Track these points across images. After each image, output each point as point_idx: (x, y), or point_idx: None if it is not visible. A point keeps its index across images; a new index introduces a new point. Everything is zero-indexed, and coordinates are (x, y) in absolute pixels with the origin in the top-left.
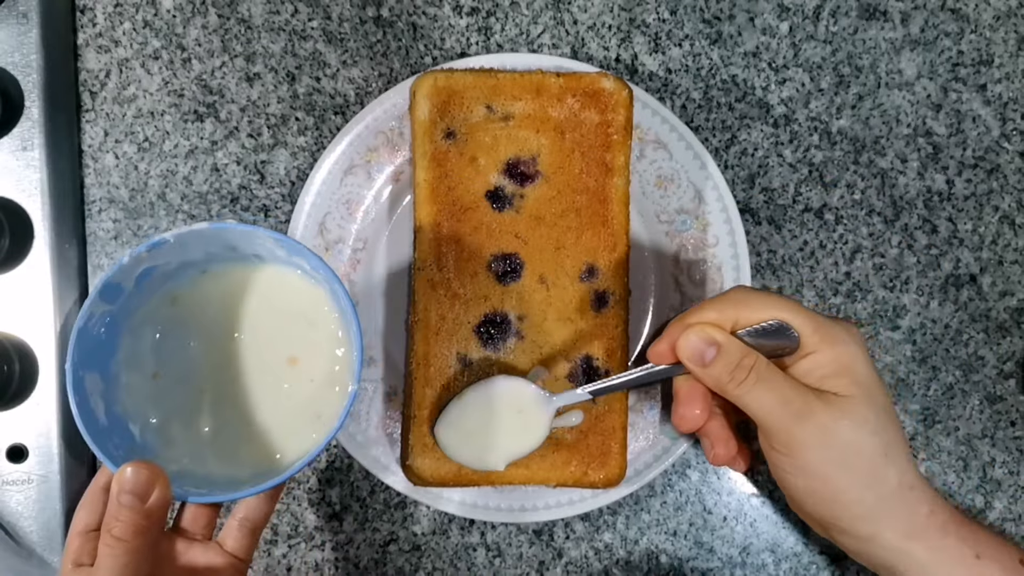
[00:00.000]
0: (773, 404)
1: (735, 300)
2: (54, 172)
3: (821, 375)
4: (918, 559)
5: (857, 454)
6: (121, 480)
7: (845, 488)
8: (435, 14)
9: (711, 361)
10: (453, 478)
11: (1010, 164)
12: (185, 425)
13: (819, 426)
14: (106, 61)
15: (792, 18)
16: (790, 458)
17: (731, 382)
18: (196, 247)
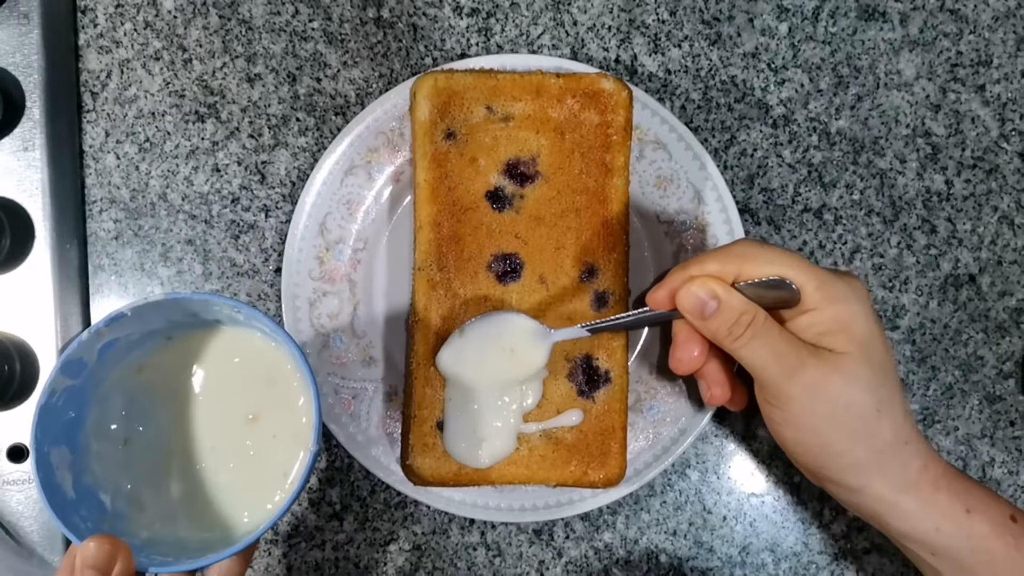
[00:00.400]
0: (767, 359)
1: (738, 253)
2: (55, 172)
3: (819, 331)
4: (907, 511)
5: (846, 409)
6: (84, 555)
7: (833, 441)
8: (435, 15)
9: (710, 315)
10: (453, 478)
11: (1009, 164)
12: (155, 489)
13: (809, 381)
14: (107, 62)
15: (791, 19)
16: (781, 411)
17: (728, 337)
18: (155, 317)
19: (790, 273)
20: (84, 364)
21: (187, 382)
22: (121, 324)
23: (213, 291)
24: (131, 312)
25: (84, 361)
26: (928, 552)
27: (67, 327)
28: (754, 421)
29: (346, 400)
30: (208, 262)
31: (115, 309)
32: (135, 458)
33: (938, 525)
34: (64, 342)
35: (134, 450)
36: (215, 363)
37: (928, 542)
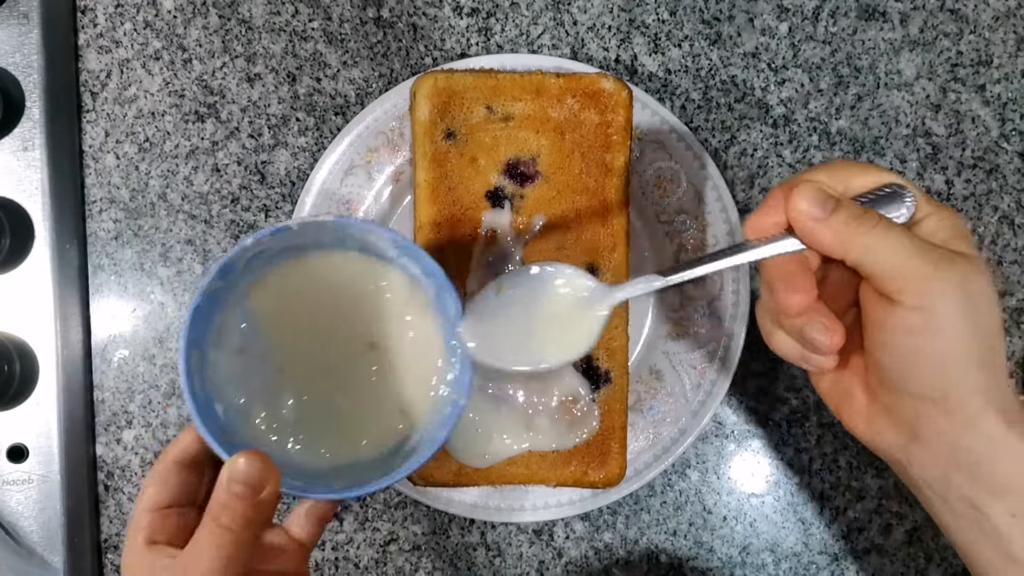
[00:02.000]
0: (910, 250)
1: (843, 167)
2: (55, 172)
3: (945, 236)
4: (1014, 448)
5: (986, 317)
6: (234, 469)
7: (968, 353)
8: (435, 15)
9: (832, 211)
10: (453, 478)
11: (1009, 164)
12: (266, 407)
13: (962, 276)
14: (107, 62)
15: (791, 19)
16: (921, 312)
17: (858, 230)
18: (310, 235)
19: (901, 181)
20: (234, 269)
21: (314, 304)
22: (280, 237)
23: None
24: (297, 227)
25: (235, 267)
26: (1010, 514)
27: (67, 327)
28: (754, 420)
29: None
30: (208, 262)
31: (282, 222)
32: (248, 372)
33: None
34: (64, 342)
35: (248, 363)
36: (348, 289)
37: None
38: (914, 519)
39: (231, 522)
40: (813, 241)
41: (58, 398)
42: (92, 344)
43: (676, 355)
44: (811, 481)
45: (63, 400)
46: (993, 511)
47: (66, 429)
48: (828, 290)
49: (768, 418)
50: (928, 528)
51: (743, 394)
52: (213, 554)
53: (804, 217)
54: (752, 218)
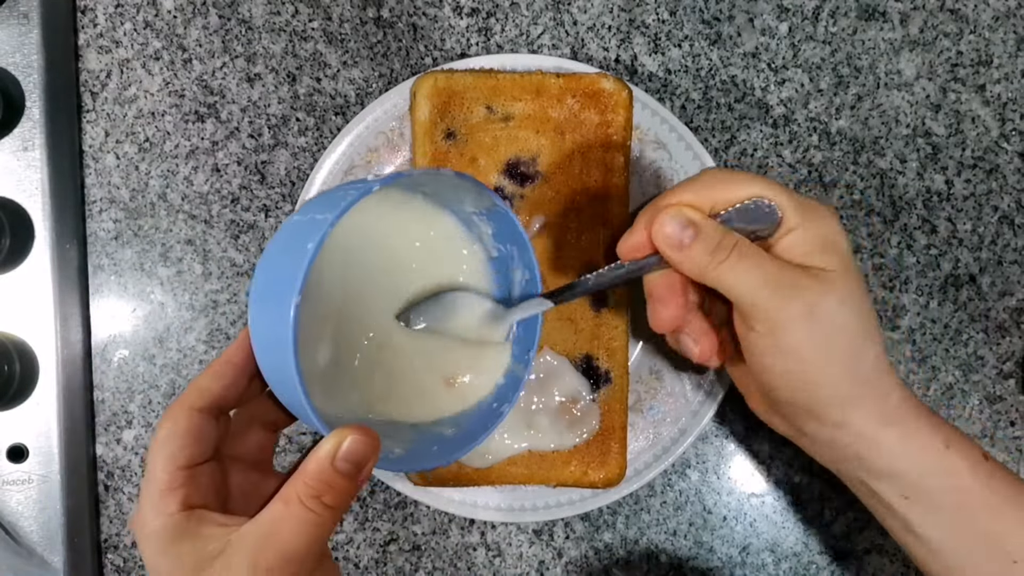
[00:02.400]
0: (758, 281)
1: (708, 182)
2: (55, 172)
3: (804, 251)
4: (888, 447)
5: (842, 331)
6: (340, 445)
7: (824, 367)
8: (435, 15)
9: (690, 243)
10: (453, 478)
11: (1009, 164)
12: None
13: (806, 303)
14: (107, 61)
15: (791, 19)
16: (772, 338)
17: (712, 262)
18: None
19: (767, 193)
20: None
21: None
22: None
23: (215, 290)
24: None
25: None
26: (900, 495)
27: (66, 327)
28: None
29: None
30: (208, 262)
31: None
32: None
33: (918, 460)
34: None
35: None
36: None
37: (906, 481)
38: None
39: (333, 500)
40: (675, 267)
41: (58, 398)
42: (92, 344)
43: (676, 355)
44: (811, 481)
45: (63, 400)
46: (884, 492)
47: (66, 429)
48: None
49: None
50: None
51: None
52: (305, 531)
53: (664, 246)
54: (623, 241)
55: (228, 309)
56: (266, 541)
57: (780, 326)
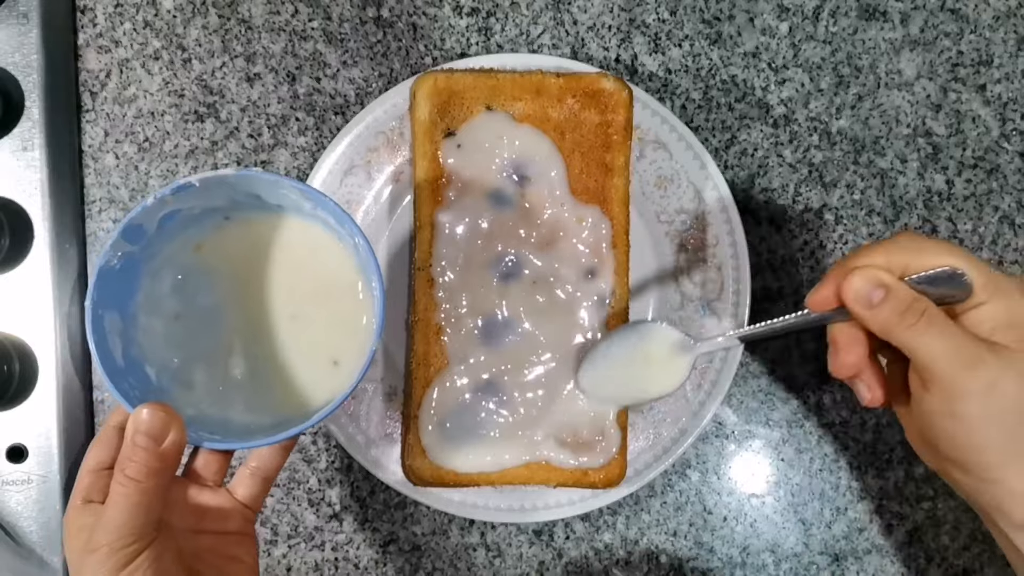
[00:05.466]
0: (944, 350)
1: (903, 245)
2: (54, 172)
3: (992, 327)
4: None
5: (1015, 410)
6: (137, 421)
7: (992, 437)
8: (435, 14)
9: (879, 302)
10: (453, 478)
11: (1010, 164)
12: (210, 368)
13: (987, 378)
14: (106, 61)
15: (792, 18)
16: (947, 404)
17: (900, 324)
18: (220, 193)
19: (960, 263)
20: (144, 231)
21: (245, 266)
22: (186, 195)
23: None
24: (199, 183)
25: (144, 228)
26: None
27: (66, 327)
28: (755, 421)
29: (345, 401)
30: None
31: (182, 179)
32: (188, 335)
33: None
34: (63, 342)
35: (187, 327)
36: (274, 248)
37: None
38: (915, 519)
39: (136, 473)
40: (862, 324)
41: (57, 398)
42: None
43: None
44: (812, 481)
45: (62, 400)
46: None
47: (65, 429)
48: None
49: (768, 418)
50: (928, 528)
51: (743, 394)
52: (122, 504)
53: (854, 304)
54: (813, 292)
55: None
56: (98, 521)
57: (957, 395)
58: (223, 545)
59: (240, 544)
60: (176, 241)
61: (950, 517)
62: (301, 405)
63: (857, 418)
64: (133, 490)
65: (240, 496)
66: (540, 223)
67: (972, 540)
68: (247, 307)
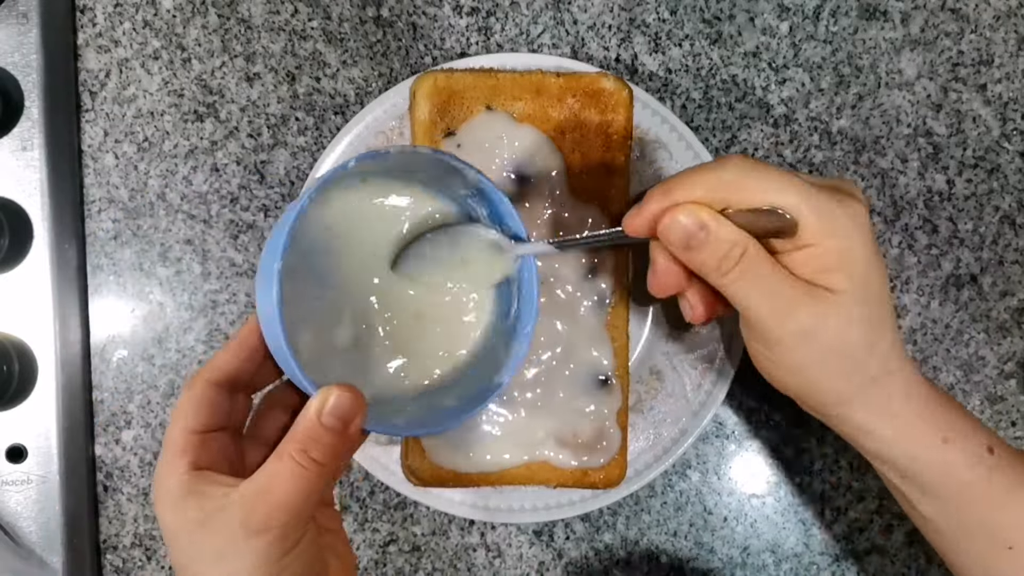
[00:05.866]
0: (758, 298)
1: (728, 179)
2: (54, 172)
3: (816, 268)
4: (884, 437)
5: (838, 352)
6: (326, 401)
7: (821, 380)
8: (435, 14)
9: (697, 246)
10: (453, 478)
11: (1010, 164)
12: (317, 334)
13: (802, 325)
14: (106, 61)
15: (792, 18)
16: (768, 351)
17: (716, 271)
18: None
19: (788, 202)
20: None
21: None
22: (375, 162)
23: (214, 290)
24: (395, 152)
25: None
26: (898, 475)
27: (65, 327)
28: (755, 421)
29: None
30: (207, 262)
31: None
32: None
33: (913, 453)
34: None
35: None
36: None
37: (900, 467)
38: None
39: (321, 455)
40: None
41: (57, 398)
42: (91, 344)
43: (676, 355)
44: (812, 482)
45: (62, 400)
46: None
47: (65, 429)
48: None
49: (769, 419)
50: None
51: (744, 394)
52: (297, 486)
53: (672, 244)
54: (629, 217)
55: (227, 309)
56: (258, 496)
57: (776, 343)
58: (321, 519)
59: (331, 516)
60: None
61: None
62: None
63: None
64: (315, 473)
65: None
66: (540, 223)
67: None
68: (369, 279)
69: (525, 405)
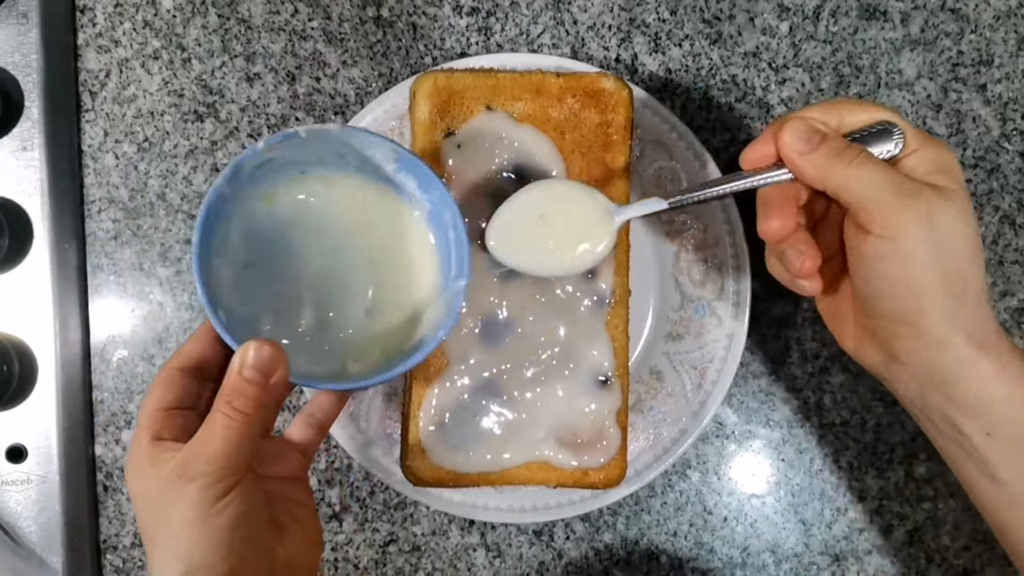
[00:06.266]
0: (881, 183)
1: (838, 104)
2: (54, 172)
3: (925, 171)
4: (983, 372)
5: (955, 245)
6: (245, 355)
7: (936, 276)
8: (435, 14)
9: (817, 145)
10: (452, 478)
11: (1010, 164)
12: (278, 319)
13: (926, 208)
14: (106, 61)
15: (792, 18)
16: (889, 241)
17: (837, 164)
18: (313, 148)
19: (893, 118)
20: (240, 178)
21: (316, 219)
22: (288, 144)
23: None
24: (305, 134)
25: (241, 175)
26: (984, 432)
27: (65, 327)
28: (755, 421)
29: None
30: None
31: (289, 129)
32: (255, 285)
33: (1010, 391)
34: (62, 343)
35: (255, 276)
36: (348, 206)
37: (993, 413)
38: (915, 519)
39: (244, 405)
40: (797, 173)
41: (57, 398)
42: (91, 344)
43: (676, 355)
44: (812, 482)
45: (62, 400)
46: (968, 428)
47: (65, 429)
48: (824, 225)
49: (769, 418)
50: (928, 528)
51: (744, 394)
52: (225, 435)
53: (789, 150)
54: (747, 150)
55: None
56: (193, 448)
57: (899, 227)
58: (284, 488)
59: (299, 489)
60: (253, 190)
61: (950, 517)
62: (371, 360)
63: (857, 418)
64: (240, 423)
65: (296, 440)
66: None
67: (972, 540)
68: (319, 260)
69: (525, 405)
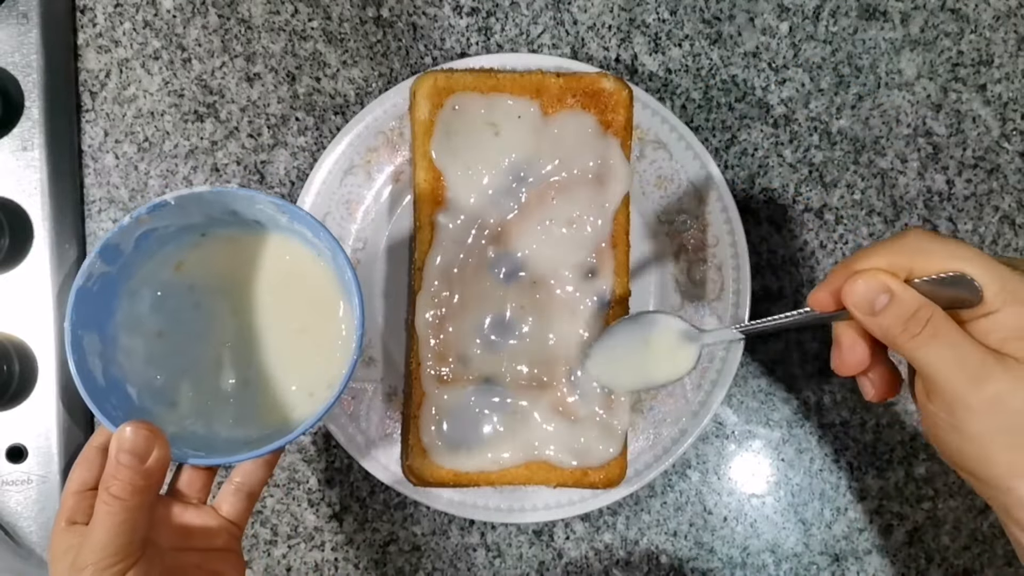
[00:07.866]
0: (948, 364)
1: (910, 246)
2: (54, 172)
3: (1002, 336)
4: None
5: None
6: (120, 439)
7: (1000, 451)
8: (435, 14)
9: (881, 310)
10: (453, 478)
11: (1010, 164)
12: (197, 383)
13: (993, 393)
14: (106, 61)
15: (792, 18)
16: (951, 418)
17: (903, 334)
18: (196, 210)
19: (971, 269)
20: (121, 252)
21: (228, 280)
22: (162, 213)
23: None
24: (174, 201)
25: (121, 248)
26: None
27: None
28: (755, 421)
29: (345, 401)
30: None
31: (157, 199)
32: (171, 352)
33: None
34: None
35: (170, 344)
36: (255, 263)
37: None
38: (915, 520)
39: (120, 491)
40: (865, 328)
41: (57, 398)
42: None
43: None
44: (812, 482)
45: (62, 400)
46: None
47: (65, 429)
48: None
49: (769, 418)
50: (928, 528)
51: (743, 394)
52: (107, 523)
53: (856, 310)
54: (814, 293)
55: None
56: (84, 538)
57: (961, 411)
58: (209, 562)
59: (226, 560)
60: (154, 260)
61: (950, 517)
62: (288, 418)
63: (857, 418)
64: (118, 508)
65: (225, 513)
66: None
67: (972, 540)
68: (235, 321)
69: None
